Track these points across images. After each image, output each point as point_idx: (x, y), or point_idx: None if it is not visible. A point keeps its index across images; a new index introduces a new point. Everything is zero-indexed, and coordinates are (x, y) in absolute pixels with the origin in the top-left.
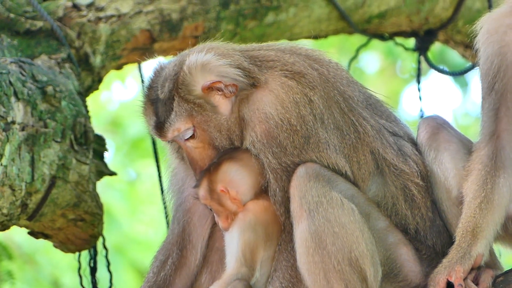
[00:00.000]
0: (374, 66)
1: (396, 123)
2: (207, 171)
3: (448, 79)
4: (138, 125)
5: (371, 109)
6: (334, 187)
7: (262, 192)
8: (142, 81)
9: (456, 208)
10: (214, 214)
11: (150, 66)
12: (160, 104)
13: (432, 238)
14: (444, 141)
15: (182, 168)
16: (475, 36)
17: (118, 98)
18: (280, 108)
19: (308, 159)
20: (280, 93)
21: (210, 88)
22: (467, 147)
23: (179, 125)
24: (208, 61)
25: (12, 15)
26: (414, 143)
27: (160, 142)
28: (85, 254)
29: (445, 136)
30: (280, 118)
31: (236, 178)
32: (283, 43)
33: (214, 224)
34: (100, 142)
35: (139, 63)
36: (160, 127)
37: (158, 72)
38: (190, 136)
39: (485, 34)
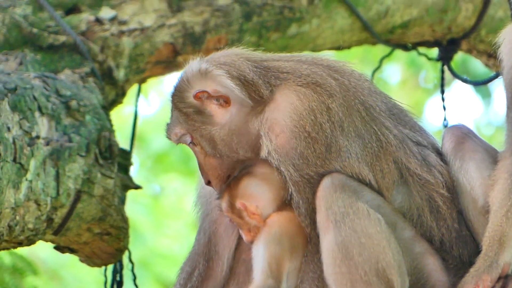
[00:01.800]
0: (397, 76)
1: (420, 133)
2: (228, 185)
3: (470, 89)
4: (162, 139)
5: (395, 118)
6: (360, 197)
7: (285, 204)
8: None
9: (482, 217)
10: (237, 226)
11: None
12: (171, 110)
13: (458, 248)
14: (469, 150)
15: None
16: (498, 47)
17: (142, 113)
18: (294, 116)
19: (332, 168)
20: (294, 100)
21: (200, 97)
22: (493, 156)
23: (176, 130)
24: (205, 70)
25: (35, 30)
26: (439, 153)
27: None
28: (110, 268)
29: (470, 146)
30: (294, 126)
31: (256, 193)
32: (306, 54)
33: (241, 235)
34: (125, 156)
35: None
36: (166, 129)
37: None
38: (193, 143)
39: (508, 44)
